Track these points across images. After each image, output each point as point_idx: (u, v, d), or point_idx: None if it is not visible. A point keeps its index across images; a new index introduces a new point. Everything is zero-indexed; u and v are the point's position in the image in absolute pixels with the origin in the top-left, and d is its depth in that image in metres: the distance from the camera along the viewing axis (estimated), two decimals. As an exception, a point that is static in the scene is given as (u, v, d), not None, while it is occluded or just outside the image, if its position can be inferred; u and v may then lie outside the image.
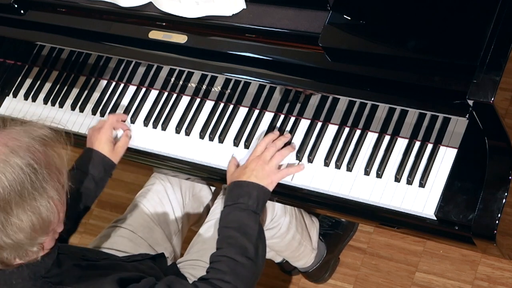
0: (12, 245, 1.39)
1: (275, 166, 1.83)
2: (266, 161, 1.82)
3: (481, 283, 2.27)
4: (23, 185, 1.36)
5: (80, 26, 2.03)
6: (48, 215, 1.40)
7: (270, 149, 1.84)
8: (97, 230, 2.75)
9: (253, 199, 1.76)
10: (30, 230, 1.38)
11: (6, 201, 1.35)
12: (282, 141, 1.87)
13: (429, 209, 1.71)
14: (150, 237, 2.02)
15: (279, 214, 2.05)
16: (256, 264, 1.70)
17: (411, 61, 1.61)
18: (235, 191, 1.79)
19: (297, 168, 1.85)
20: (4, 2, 2.09)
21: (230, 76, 1.89)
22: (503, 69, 1.49)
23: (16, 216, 1.36)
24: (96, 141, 1.96)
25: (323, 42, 1.68)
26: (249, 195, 1.76)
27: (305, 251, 2.26)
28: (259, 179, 1.79)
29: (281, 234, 2.10)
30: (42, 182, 1.39)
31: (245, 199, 1.75)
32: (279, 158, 1.84)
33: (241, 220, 1.73)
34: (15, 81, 2.31)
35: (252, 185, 1.78)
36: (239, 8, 1.81)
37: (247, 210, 1.74)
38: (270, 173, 1.81)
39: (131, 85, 2.15)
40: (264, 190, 1.79)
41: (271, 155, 1.83)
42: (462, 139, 1.73)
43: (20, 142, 1.40)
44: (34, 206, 1.37)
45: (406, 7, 1.65)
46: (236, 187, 1.79)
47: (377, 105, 1.83)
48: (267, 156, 1.83)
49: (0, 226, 1.36)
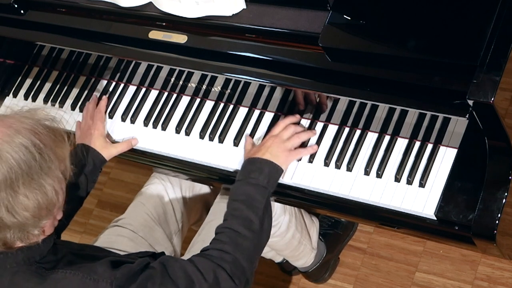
0: (17, 225, 1.41)
1: (291, 146, 1.82)
2: (282, 140, 1.81)
3: (481, 283, 2.27)
4: (30, 164, 1.39)
5: (80, 26, 2.03)
6: (52, 195, 1.43)
7: (288, 130, 1.84)
8: (97, 230, 2.75)
9: (264, 175, 1.75)
10: (36, 209, 1.41)
11: (13, 179, 1.38)
12: (301, 127, 1.87)
13: (429, 209, 1.71)
14: (150, 236, 2.02)
15: (278, 212, 2.05)
16: (260, 237, 1.69)
17: (411, 61, 1.61)
18: (247, 167, 1.78)
19: (310, 150, 1.84)
20: (4, 2, 2.09)
21: (230, 76, 1.89)
22: (503, 69, 1.49)
23: (23, 194, 1.39)
24: (88, 136, 1.98)
25: (323, 42, 1.68)
26: (260, 170, 1.75)
27: (304, 250, 2.26)
28: (273, 156, 1.78)
29: (281, 233, 2.11)
30: (48, 162, 1.42)
31: (255, 174, 1.75)
32: (296, 140, 1.83)
33: (248, 194, 1.72)
34: (15, 81, 2.31)
35: (265, 161, 1.77)
36: (239, 8, 1.81)
37: (256, 185, 1.73)
38: (285, 151, 1.80)
39: (131, 85, 2.15)
40: (276, 168, 1.78)
41: (288, 135, 1.83)
42: (462, 139, 1.73)
43: (24, 124, 1.43)
44: (41, 185, 1.40)
45: (406, 7, 1.65)
46: (249, 163, 1.79)
47: (377, 105, 1.83)
48: (284, 136, 1.82)
49: (8, 204, 1.39)
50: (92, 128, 1.99)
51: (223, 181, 1.96)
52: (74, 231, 2.85)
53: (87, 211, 2.88)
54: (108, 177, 2.93)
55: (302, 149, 1.84)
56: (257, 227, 1.68)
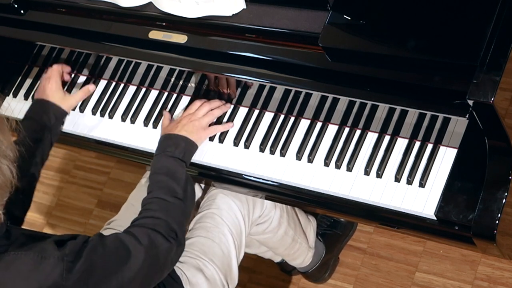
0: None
1: (205, 123, 1.92)
2: (197, 117, 1.92)
3: (481, 283, 2.27)
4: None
5: (80, 26, 2.03)
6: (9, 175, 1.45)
7: (203, 108, 1.94)
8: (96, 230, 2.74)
9: (180, 149, 1.85)
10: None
11: None
12: (216, 103, 1.96)
13: (429, 209, 1.71)
14: None
15: (268, 207, 2.07)
16: (185, 203, 1.78)
17: (411, 61, 1.61)
18: (164, 142, 1.88)
19: (225, 126, 1.95)
20: (4, 2, 2.09)
21: (230, 76, 1.89)
22: (503, 69, 1.49)
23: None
24: (46, 90, 2.01)
25: (323, 42, 1.68)
26: (176, 145, 1.86)
27: (300, 248, 2.26)
28: (189, 133, 1.89)
29: (273, 229, 2.11)
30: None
31: (172, 148, 1.85)
32: (210, 117, 1.93)
33: (169, 166, 1.82)
34: (15, 81, 2.31)
35: (181, 137, 1.88)
36: (239, 8, 1.81)
37: (174, 158, 1.83)
38: (200, 128, 1.91)
39: (131, 85, 2.15)
40: (191, 143, 1.88)
41: (203, 113, 1.93)
42: (462, 139, 1.73)
43: None
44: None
45: (406, 7, 1.65)
46: (166, 138, 1.89)
47: (377, 105, 1.83)
48: (199, 114, 1.93)
49: None
50: (49, 84, 2.02)
51: (221, 180, 1.96)
52: (74, 231, 2.85)
53: (87, 211, 2.88)
54: (108, 177, 2.93)
55: (217, 126, 1.95)
56: (181, 195, 1.78)
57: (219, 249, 1.93)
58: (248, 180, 1.91)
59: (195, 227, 1.99)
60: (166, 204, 1.74)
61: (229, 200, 1.97)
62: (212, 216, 1.96)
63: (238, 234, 1.98)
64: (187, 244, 1.95)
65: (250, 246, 2.29)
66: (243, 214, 1.99)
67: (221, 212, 1.96)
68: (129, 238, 1.62)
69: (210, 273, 1.90)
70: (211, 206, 1.98)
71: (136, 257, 1.59)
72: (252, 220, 2.03)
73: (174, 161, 1.83)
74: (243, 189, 1.95)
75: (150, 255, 1.62)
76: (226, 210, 1.96)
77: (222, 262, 1.93)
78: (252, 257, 2.49)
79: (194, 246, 1.91)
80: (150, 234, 1.65)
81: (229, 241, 1.95)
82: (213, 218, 1.95)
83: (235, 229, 1.97)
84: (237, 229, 1.97)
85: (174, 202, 1.75)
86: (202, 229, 1.94)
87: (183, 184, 1.80)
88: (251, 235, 2.12)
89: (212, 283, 1.90)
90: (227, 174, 1.93)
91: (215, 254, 1.92)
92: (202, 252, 1.91)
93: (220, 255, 1.93)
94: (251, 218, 2.02)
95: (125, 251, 1.59)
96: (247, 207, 2.00)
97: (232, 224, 1.96)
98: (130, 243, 1.61)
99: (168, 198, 1.75)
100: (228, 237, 1.95)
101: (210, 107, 1.95)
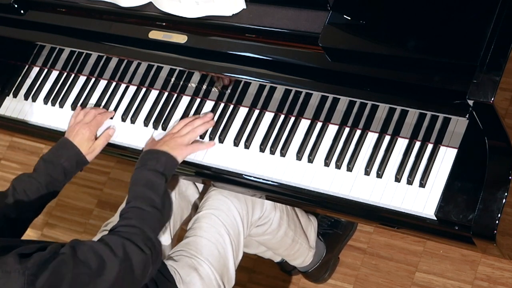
0: None
1: (187, 140, 1.92)
2: (180, 135, 1.93)
3: (481, 283, 2.27)
4: None
5: (80, 26, 2.03)
6: None
7: (186, 127, 1.95)
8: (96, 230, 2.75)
9: (160, 163, 1.85)
10: None
11: None
12: (199, 120, 1.96)
13: (429, 209, 1.71)
14: None
15: (268, 209, 2.06)
16: (162, 213, 1.78)
17: (411, 61, 1.61)
18: (145, 156, 1.88)
19: (207, 145, 1.95)
20: (4, 2, 2.09)
21: (230, 76, 1.89)
22: (503, 69, 1.49)
23: None
24: (79, 135, 1.99)
25: (323, 42, 1.68)
26: (157, 159, 1.85)
27: (300, 249, 2.26)
28: (170, 149, 1.89)
29: (273, 230, 2.11)
30: None
31: (153, 162, 1.85)
32: (192, 134, 1.94)
33: (148, 178, 1.81)
34: (15, 81, 2.31)
35: (162, 152, 1.88)
36: (239, 8, 1.81)
37: (154, 171, 1.83)
38: (181, 145, 1.91)
39: (131, 85, 2.15)
40: (172, 158, 1.88)
41: (186, 131, 1.94)
42: (462, 139, 1.73)
43: None
44: None
45: (406, 7, 1.65)
46: (147, 153, 1.89)
47: (377, 105, 1.83)
48: (181, 132, 1.94)
49: None
50: (84, 130, 2.00)
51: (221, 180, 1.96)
52: (74, 231, 2.85)
53: (87, 211, 2.88)
54: (108, 177, 2.93)
55: (199, 144, 1.95)
56: (159, 205, 1.77)
57: (215, 249, 1.92)
58: (248, 180, 1.91)
59: (192, 227, 1.99)
60: (142, 212, 1.73)
61: (228, 201, 1.97)
62: (210, 216, 1.96)
63: (235, 235, 1.97)
64: (183, 243, 1.95)
65: (250, 246, 2.29)
66: (242, 216, 1.98)
67: (219, 212, 1.96)
68: (103, 248, 1.59)
69: (205, 273, 1.89)
70: (209, 207, 1.98)
71: (110, 269, 1.56)
72: (252, 222, 2.03)
73: (154, 173, 1.82)
74: (243, 189, 1.95)
75: (125, 267, 1.59)
76: (224, 211, 1.96)
77: (218, 262, 1.92)
78: (252, 257, 2.49)
79: (190, 245, 1.91)
80: (125, 245, 1.63)
81: (226, 242, 1.94)
82: (211, 218, 1.95)
83: (232, 230, 1.96)
84: (235, 230, 1.97)
85: (150, 211, 1.74)
86: (199, 229, 1.94)
87: (161, 194, 1.79)
88: (251, 236, 2.12)
89: (207, 282, 1.89)
90: (227, 174, 1.93)
91: (211, 254, 1.91)
92: (198, 251, 1.91)
93: (216, 255, 1.92)
94: (250, 219, 2.02)
95: (98, 262, 1.56)
96: (246, 209, 1.99)
97: (230, 225, 1.96)
98: (104, 254, 1.58)
99: (145, 207, 1.75)
100: (225, 238, 1.94)
101: (193, 125, 1.95)
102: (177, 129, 1.96)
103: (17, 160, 3.09)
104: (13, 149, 3.13)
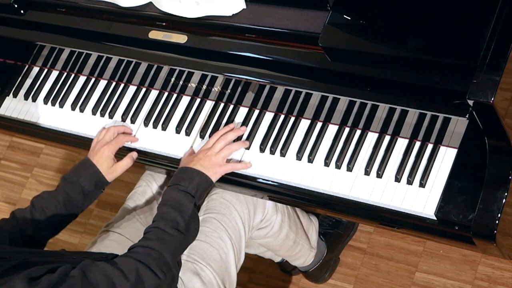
0: None
1: (222, 159, 1.88)
2: (214, 153, 1.88)
3: (481, 283, 2.27)
4: None
5: (80, 26, 2.03)
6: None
7: (220, 142, 1.90)
8: (96, 230, 2.75)
9: (193, 185, 1.81)
10: None
11: None
12: (233, 135, 1.92)
13: (429, 209, 1.71)
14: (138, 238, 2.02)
15: (270, 212, 2.06)
16: (185, 237, 1.75)
17: (411, 61, 1.61)
18: (179, 175, 1.85)
19: (243, 165, 1.90)
20: (4, 2, 2.09)
21: (230, 76, 1.89)
22: (503, 69, 1.49)
23: None
24: (98, 154, 1.96)
25: (323, 42, 1.68)
26: (190, 180, 1.82)
27: (302, 250, 2.26)
28: (204, 168, 1.85)
29: (274, 233, 2.11)
30: None
31: (185, 183, 1.81)
32: (226, 152, 1.89)
33: (177, 199, 1.78)
34: (15, 81, 2.31)
35: (196, 172, 1.83)
36: (239, 8, 1.81)
37: (185, 192, 1.79)
38: (216, 164, 1.87)
39: (131, 85, 2.15)
40: (206, 179, 1.84)
41: (220, 148, 1.89)
42: (462, 139, 1.73)
43: None
44: None
45: (406, 7, 1.65)
46: (181, 172, 1.85)
47: (377, 105, 1.83)
48: (216, 148, 1.89)
49: None
50: (104, 149, 1.97)
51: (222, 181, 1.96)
52: (74, 231, 2.85)
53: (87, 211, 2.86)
54: (108, 177, 2.93)
55: (234, 164, 1.90)
56: (183, 228, 1.74)
57: (217, 254, 1.92)
58: (248, 180, 1.91)
59: None
60: (164, 235, 1.70)
61: (230, 205, 1.96)
62: (212, 221, 1.95)
63: (237, 239, 1.97)
64: None
65: (250, 246, 2.29)
66: (243, 220, 1.98)
67: (221, 217, 1.95)
68: (116, 273, 1.56)
69: (208, 278, 1.89)
70: (211, 211, 1.97)
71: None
72: (253, 225, 2.03)
73: (184, 195, 1.79)
74: (243, 190, 1.94)
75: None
76: (226, 215, 1.95)
77: (220, 267, 1.92)
78: (252, 257, 2.49)
79: (192, 250, 1.90)
80: (138, 268, 1.60)
81: (227, 246, 1.94)
82: (212, 223, 1.95)
83: (234, 234, 1.96)
84: (236, 234, 1.96)
85: (173, 234, 1.71)
86: (201, 233, 1.93)
87: (187, 218, 1.76)
88: (252, 239, 2.12)
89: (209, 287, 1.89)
90: (227, 174, 1.93)
91: (213, 259, 1.91)
92: (200, 256, 1.90)
93: (218, 260, 1.92)
94: (252, 223, 2.01)
95: (109, 284, 1.53)
96: (247, 212, 1.99)
97: (232, 229, 1.96)
98: (116, 278, 1.55)
99: (168, 229, 1.71)
100: (227, 242, 1.94)
101: (227, 140, 1.90)
102: (210, 144, 1.91)
103: (17, 160, 3.09)
104: (13, 149, 3.12)
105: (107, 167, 1.95)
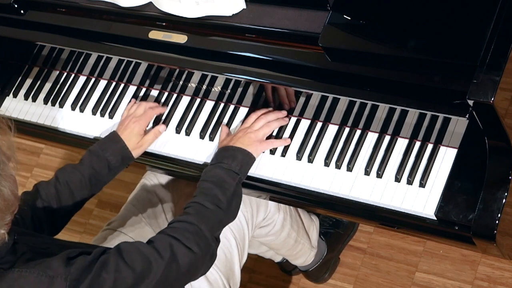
0: None
1: (262, 136, 1.86)
2: (253, 130, 1.86)
3: (481, 283, 2.27)
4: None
5: (80, 26, 2.03)
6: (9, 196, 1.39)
7: (259, 121, 1.88)
8: (97, 230, 2.75)
9: (237, 161, 1.79)
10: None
11: None
12: (274, 115, 1.90)
13: (429, 209, 1.71)
14: (141, 237, 2.02)
15: (272, 211, 2.06)
16: (225, 214, 1.72)
17: (411, 61, 1.61)
18: (220, 154, 1.83)
19: (282, 142, 1.88)
20: (4, 2, 2.09)
21: (230, 76, 1.89)
22: (503, 69, 1.49)
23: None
24: (128, 129, 1.94)
25: (323, 42, 1.68)
26: (233, 157, 1.80)
27: (302, 249, 2.26)
28: (245, 145, 1.83)
29: (276, 232, 2.11)
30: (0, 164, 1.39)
31: (229, 160, 1.79)
32: (266, 129, 1.87)
33: (219, 176, 1.76)
34: (15, 81, 2.31)
35: (238, 149, 1.82)
36: (239, 8, 1.81)
37: (228, 170, 1.77)
38: (256, 141, 1.85)
39: (131, 85, 2.15)
40: (249, 155, 1.82)
41: (259, 126, 1.87)
42: (462, 139, 1.73)
43: None
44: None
45: (406, 7, 1.65)
46: (223, 150, 1.83)
47: (377, 105, 1.83)
48: (255, 126, 1.87)
49: None
50: (133, 124, 1.95)
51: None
52: (74, 231, 2.85)
53: (87, 211, 2.88)
54: (108, 177, 2.93)
55: (274, 140, 1.88)
56: (224, 205, 1.71)
57: (222, 253, 1.91)
58: (248, 180, 1.90)
59: None
60: (204, 210, 1.68)
61: None
62: None
63: (241, 238, 1.97)
64: None
65: (251, 246, 2.29)
66: (247, 218, 1.98)
67: None
68: (151, 251, 1.55)
69: (213, 278, 1.88)
70: None
71: (155, 271, 1.53)
72: (256, 224, 2.03)
73: (227, 172, 1.77)
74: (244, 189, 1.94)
75: (170, 268, 1.55)
76: None
77: (225, 266, 1.92)
78: (252, 257, 2.49)
79: None
80: (172, 246, 1.58)
81: (232, 245, 1.93)
82: None
83: (238, 233, 1.96)
84: (240, 233, 1.96)
85: (213, 209, 1.69)
86: None
87: (229, 195, 1.73)
88: (254, 238, 2.12)
89: (215, 287, 1.89)
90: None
91: (218, 259, 1.89)
92: None
93: (223, 259, 1.92)
94: (255, 222, 2.02)
95: (144, 265, 1.52)
96: (250, 211, 1.99)
97: (236, 228, 1.95)
98: (152, 256, 1.54)
99: (208, 205, 1.69)
100: (232, 241, 1.94)
101: (267, 119, 1.88)
102: (249, 123, 1.89)
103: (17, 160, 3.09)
104: (13, 149, 3.12)
105: (135, 143, 1.94)
